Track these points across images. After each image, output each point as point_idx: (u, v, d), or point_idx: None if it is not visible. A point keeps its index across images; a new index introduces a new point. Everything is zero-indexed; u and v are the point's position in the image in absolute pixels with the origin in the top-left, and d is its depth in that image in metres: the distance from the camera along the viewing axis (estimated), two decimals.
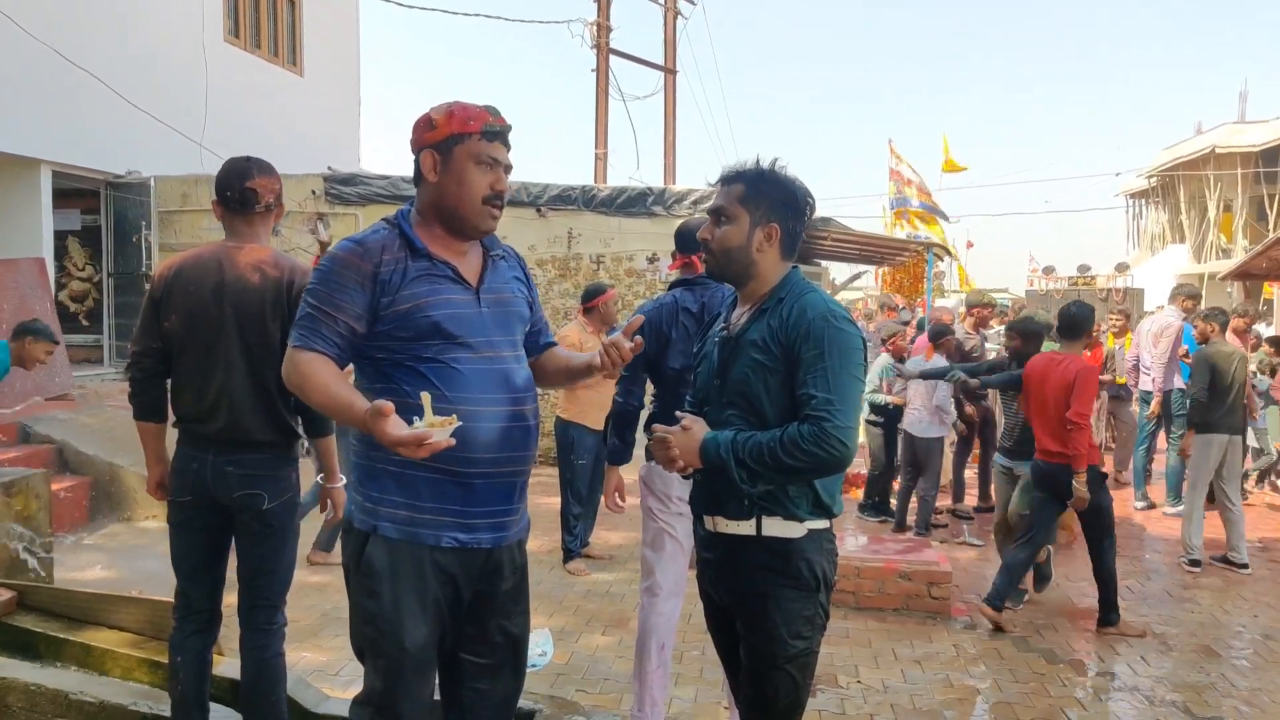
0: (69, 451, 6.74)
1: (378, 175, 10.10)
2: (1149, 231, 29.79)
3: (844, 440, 1.98)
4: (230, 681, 2.72)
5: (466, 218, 2.09)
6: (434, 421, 1.87)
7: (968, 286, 17.72)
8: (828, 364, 2.01)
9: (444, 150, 2.06)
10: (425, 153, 2.08)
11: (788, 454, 1.98)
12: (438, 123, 2.06)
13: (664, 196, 9.33)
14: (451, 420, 1.88)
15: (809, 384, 2.02)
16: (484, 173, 2.07)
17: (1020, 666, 4.36)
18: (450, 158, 2.06)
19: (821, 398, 1.99)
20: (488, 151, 2.07)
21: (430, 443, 1.83)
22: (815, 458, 1.97)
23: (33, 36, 8.22)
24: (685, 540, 3.26)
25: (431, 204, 2.10)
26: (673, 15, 14.95)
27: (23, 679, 2.62)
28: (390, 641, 2.02)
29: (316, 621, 4.66)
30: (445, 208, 2.09)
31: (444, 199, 2.08)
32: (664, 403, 3.25)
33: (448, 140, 2.06)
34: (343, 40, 14.49)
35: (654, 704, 3.32)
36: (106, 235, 10.19)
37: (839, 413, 1.98)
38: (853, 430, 2.01)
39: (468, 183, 2.06)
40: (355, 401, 1.93)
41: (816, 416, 1.98)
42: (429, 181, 2.09)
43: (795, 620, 2.09)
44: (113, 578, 5.33)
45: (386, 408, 1.83)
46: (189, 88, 10.23)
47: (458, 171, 2.06)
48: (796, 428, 1.99)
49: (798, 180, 2.21)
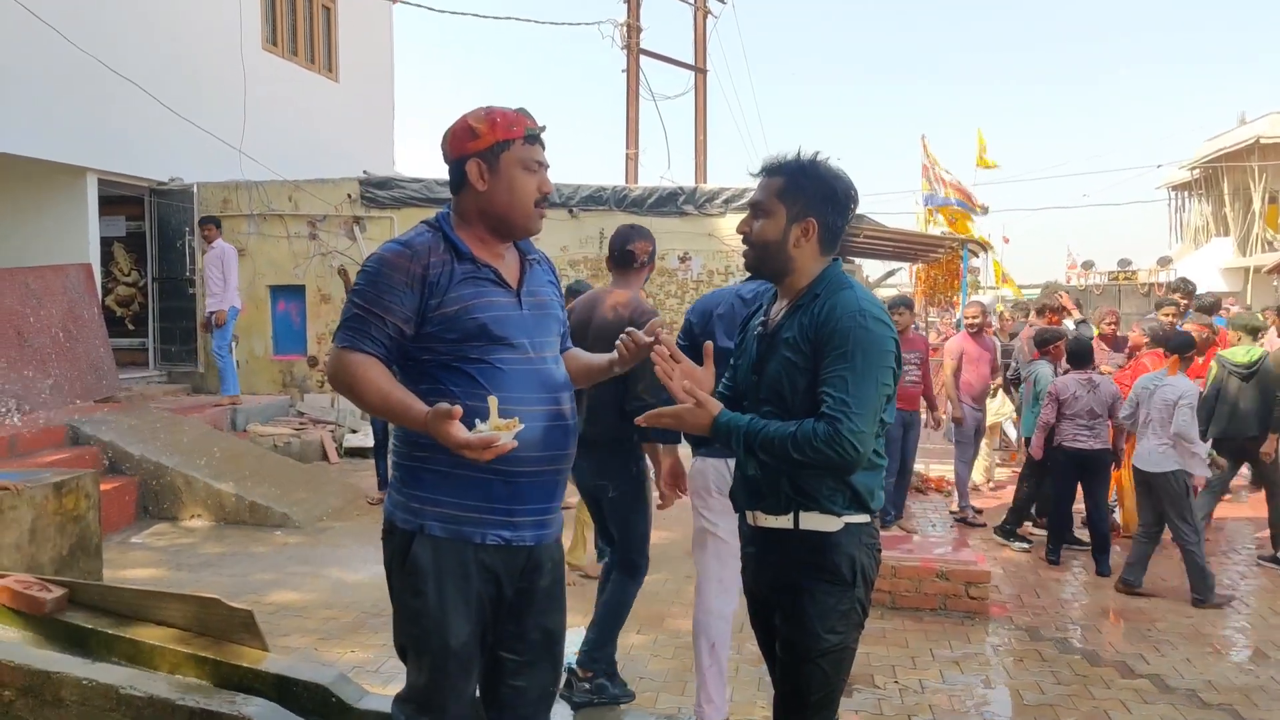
0: (116, 452, 6.89)
1: (411, 178, 10.22)
2: (1192, 224, 29.17)
3: (856, 444, 1.96)
4: (275, 677, 2.77)
5: (518, 222, 2.12)
6: (499, 424, 1.90)
7: (1005, 283, 17.49)
8: (850, 364, 1.99)
9: (490, 158, 2.08)
10: (471, 161, 2.08)
11: (798, 450, 1.98)
12: (480, 131, 2.07)
13: (695, 195, 9.33)
14: (515, 423, 1.91)
15: (827, 383, 2.01)
16: (531, 177, 2.10)
17: (1062, 668, 4.30)
18: (497, 164, 2.08)
19: (837, 398, 1.98)
20: (532, 155, 2.10)
21: (497, 446, 1.86)
22: (825, 457, 1.97)
23: (78, 48, 8.41)
24: (730, 538, 3.26)
25: (479, 211, 2.11)
26: (703, 14, 14.93)
27: (75, 674, 2.68)
28: (435, 639, 2.04)
29: (356, 619, 4.73)
30: (495, 214, 2.11)
31: (494, 205, 2.10)
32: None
33: (493, 148, 2.07)
34: (376, 46, 14.66)
35: (710, 701, 3.33)
36: (151, 241, 10.42)
37: (854, 415, 1.96)
38: (866, 434, 1.99)
39: (518, 189, 2.09)
40: (412, 404, 1.96)
41: (831, 417, 1.97)
42: (476, 190, 2.10)
43: (830, 615, 2.09)
44: (160, 575, 5.45)
45: (455, 411, 1.85)
46: (228, 95, 10.41)
47: (507, 178, 2.08)
48: (811, 425, 1.99)
49: (841, 173, 2.18)
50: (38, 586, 3.14)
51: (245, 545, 6.14)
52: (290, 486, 7.26)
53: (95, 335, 8.55)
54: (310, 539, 6.37)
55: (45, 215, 9.38)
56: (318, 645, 4.37)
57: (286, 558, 5.88)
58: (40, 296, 8.06)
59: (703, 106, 15.01)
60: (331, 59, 13.29)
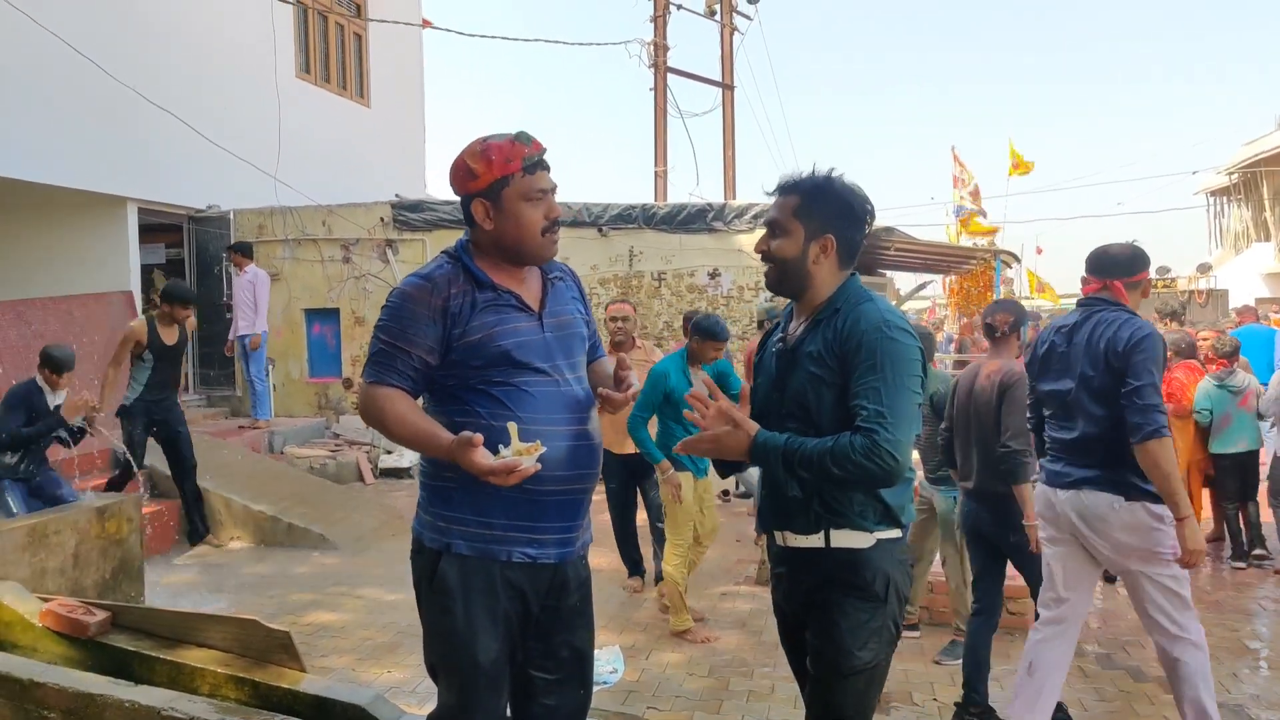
0: (157, 476, 7.01)
1: (443, 200, 10.34)
2: (1232, 230, 28.62)
3: (895, 454, 1.94)
4: (313, 697, 2.80)
5: (529, 252, 2.14)
6: (520, 449, 1.93)
7: (1040, 293, 17.28)
8: (881, 375, 1.99)
9: (492, 196, 2.08)
10: (475, 202, 2.10)
11: (837, 464, 1.96)
12: (478, 171, 2.07)
13: (724, 212, 9.33)
14: (537, 446, 1.94)
15: (860, 395, 2.00)
16: (536, 207, 2.10)
17: (1105, 684, 4.22)
18: (500, 201, 2.08)
19: (873, 410, 1.97)
20: (535, 185, 2.09)
21: (520, 470, 1.89)
22: (864, 470, 1.95)
23: (116, 80, 8.63)
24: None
25: (492, 244, 2.13)
26: (729, 31, 14.98)
27: (118, 696, 2.73)
28: (464, 658, 2.06)
29: (393, 639, 4.76)
30: (506, 247, 2.13)
31: (503, 239, 2.12)
32: (1036, 421, 3.37)
33: (493, 186, 2.07)
34: (406, 70, 14.88)
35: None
36: (190, 268, 10.63)
37: (891, 425, 1.95)
38: (904, 444, 1.97)
39: (525, 223, 2.09)
40: (438, 432, 2.00)
41: (868, 429, 1.96)
42: (485, 229, 2.11)
43: (861, 631, 2.07)
44: (201, 597, 5.52)
45: (476, 439, 1.89)
46: (263, 123, 10.63)
47: (512, 214, 2.09)
48: (849, 439, 1.97)
49: (856, 188, 2.17)
50: (81, 610, 3.20)
51: (284, 566, 6.22)
52: (327, 508, 7.34)
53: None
54: (347, 559, 6.43)
55: (87, 244, 9.60)
56: (355, 665, 4.40)
57: (324, 578, 5.94)
58: (83, 324, 8.25)
59: (730, 122, 15.04)
60: (363, 85, 13.51)
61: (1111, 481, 2.88)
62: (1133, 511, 2.89)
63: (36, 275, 9.46)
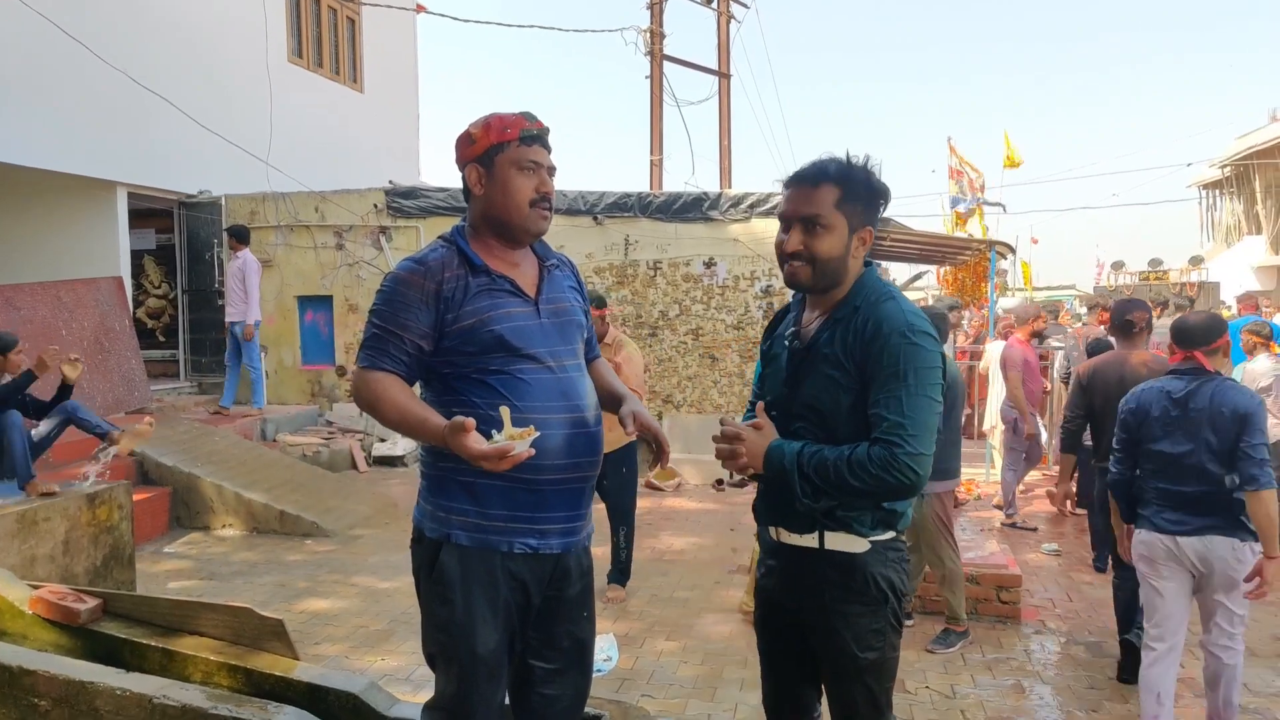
0: (149, 463, 6.97)
1: (437, 188, 10.27)
2: (1224, 223, 28.73)
3: (914, 467, 1.89)
4: (306, 685, 2.78)
5: (516, 224, 2.13)
6: (513, 434, 1.91)
7: (1033, 286, 17.32)
8: (903, 384, 1.91)
9: (486, 162, 2.11)
10: (470, 167, 2.13)
11: (854, 475, 1.91)
12: (476, 136, 2.12)
13: (719, 201, 9.30)
14: (530, 431, 1.92)
15: (881, 404, 1.92)
16: (527, 177, 2.11)
17: (1097, 673, 4.24)
18: (493, 168, 2.11)
19: (893, 420, 1.90)
20: (528, 156, 2.10)
21: (512, 455, 1.87)
22: (882, 483, 1.90)
23: (107, 63, 8.55)
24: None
25: (482, 216, 2.15)
26: (726, 19, 14.92)
27: (110, 684, 2.71)
28: (463, 647, 2.05)
29: (387, 627, 4.75)
30: (494, 217, 2.13)
31: (492, 209, 2.12)
32: (1144, 474, 3.49)
33: (488, 152, 2.10)
34: (401, 56, 14.78)
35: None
36: (180, 253, 10.56)
37: (911, 438, 1.89)
38: (925, 457, 1.91)
39: (513, 190, 2.10)
40: (430, 418, 1.98)
41: (887, 440, 1.90)
42: (476, 195, 2.14)
43: (864, 634, 2.05)
44: (192, 585, 5.51)
45: (467, 424, 1.87)
46: (255, 108, 10.54)
47: (501, 180, 2.10)
48: (866, 449, 1.91)
49: (881, 177, 2.09)
50: (72, 598, 3.18)
51: (276, 554, 6.20)
52: (320, 495, 7.32)
53: (127, 347, 8.68)
54: (340, 547, 6.41)
55: (76, 229, 9.53)
56: (349, 653, 4.39)
57: (317, 566, 5.92)
58: (72, 309, 8.20)
59: (726, 111, 14.99)
60: (356, 70, 13.42)
61: (1231, 527, 3.29)
62: (1246, 551, 3.29)
63: (25, 260, 9.40)
